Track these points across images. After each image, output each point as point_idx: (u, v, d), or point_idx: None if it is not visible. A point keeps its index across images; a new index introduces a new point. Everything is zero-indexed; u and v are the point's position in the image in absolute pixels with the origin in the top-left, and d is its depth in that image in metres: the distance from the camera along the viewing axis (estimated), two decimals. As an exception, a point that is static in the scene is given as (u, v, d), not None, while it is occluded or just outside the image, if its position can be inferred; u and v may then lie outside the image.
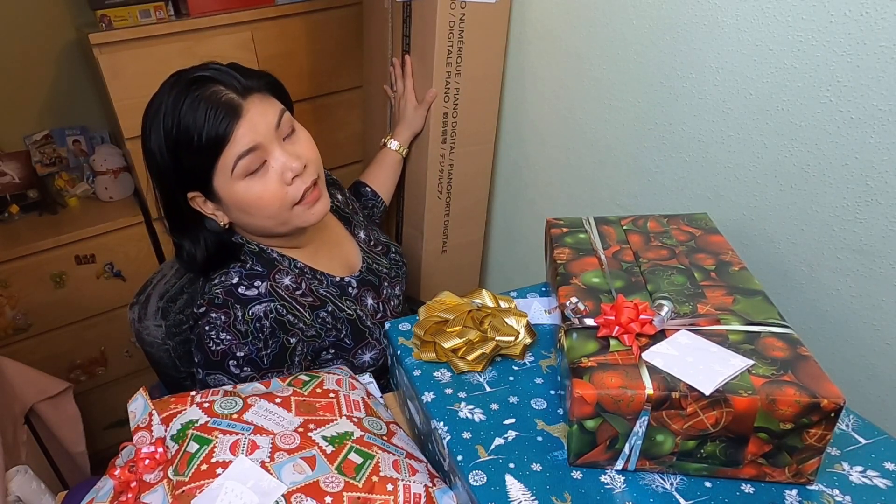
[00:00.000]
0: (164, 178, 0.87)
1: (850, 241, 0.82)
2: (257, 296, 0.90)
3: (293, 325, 0.92)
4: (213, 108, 0.81)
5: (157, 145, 0.84)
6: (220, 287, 0.90)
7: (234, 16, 1.53)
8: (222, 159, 0.83)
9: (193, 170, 0.84)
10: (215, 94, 0.82)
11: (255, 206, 0.87)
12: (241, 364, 0.88)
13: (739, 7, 0.87)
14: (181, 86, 0.83)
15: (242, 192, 0.85)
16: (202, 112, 0.80)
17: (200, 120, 0.80)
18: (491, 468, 0.63)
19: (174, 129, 0.81)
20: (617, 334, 0.65)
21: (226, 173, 0.84)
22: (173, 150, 0.83)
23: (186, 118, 0.81)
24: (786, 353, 0.61)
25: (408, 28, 1.33)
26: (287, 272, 0.96)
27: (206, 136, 0.81)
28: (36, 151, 1.77)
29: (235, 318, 0.88)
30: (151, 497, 0.62)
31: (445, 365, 0.78)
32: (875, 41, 0.73)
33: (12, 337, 1.66)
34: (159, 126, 0.83)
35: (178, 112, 0.81)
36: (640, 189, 1.13)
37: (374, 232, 1.17)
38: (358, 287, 1.04)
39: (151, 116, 0.85)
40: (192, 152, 0.82)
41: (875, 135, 0.76)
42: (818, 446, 0.58)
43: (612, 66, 1.11)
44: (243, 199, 0.86)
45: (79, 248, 1.66)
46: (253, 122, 0.83)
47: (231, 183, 0.84)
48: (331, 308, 0.98)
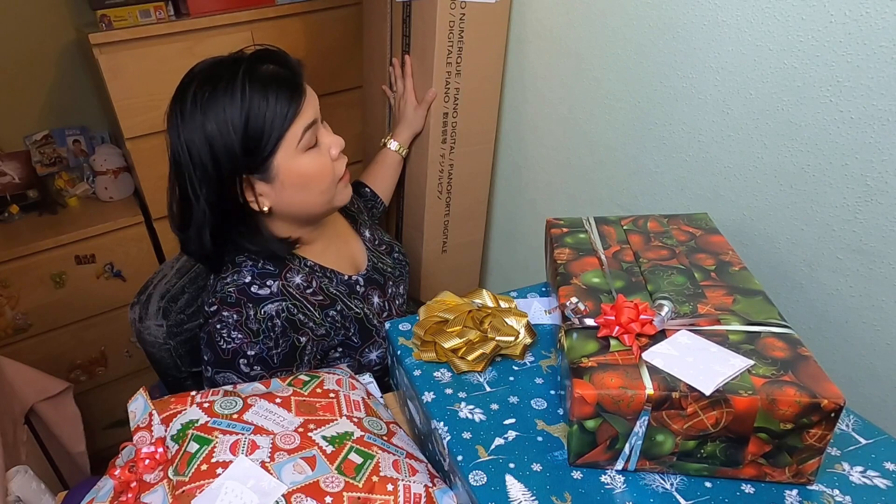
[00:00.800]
0: (218, 159, 0.84)
1: (850, 241, 0.82)
2: (269, 295, 0.90)
3: (304, 324, 0.93)
4: (283, 83, 0.84)
5: (220, 130, 0.82)
6: (232, 286, 0.90)
7: (234, 16, 1.53)
8: (291, 131, 0.85)
9: (260, 145, 0.84)
10: (280, 73, 0.85)
11: (314, 179, 0.89)
12: (252, 363, 0.89)
13: (739, 7, 0.87)
14: (249, 61, 0.85)
15: (305, 164, 0.88)
16: (273, 88, 0.83)
17: (273, 94, 0.83)
18: (491, 468, 0.63)
19: (245, 104, 0.82)
20: (617, 334, 0.65)
21: (292, 146, 0.86)
22: (243, 127, 0.83)
23: (260, 88, 0.83)
24: (786, 353, 0.61)
25: (408, 28, 1.33)
26: (298, 271, 0.96)
27: (279, 109, 0.83)
28: (36, 151, 1.77)
29: (247, 317, 0.88)
30: (151, 497, 0.62)
31: (445, 365, 0.78)
32: (875, 41, 0.73)
33: (12, 337, 1.66)
34: (224, 105, 0.82)
35: (246, 88, 0.82)
36: (640, 189, 1.13)
37: (378, 231, 1.18)
38: (365, 286, 1.04)
39: (207, 100, 0.83)
40: (265, 125, 0.83)
41: (875, 135, 0.76)
42: (818, 446, 0.58)
43: (612, 66, 1.11)
44: (305, 172, 0.88)
45: (79, 248, 1.66)
46: (311, 99, 0.88)
47: (295, 156, 0.87)
48: (340, 307, 0.98)
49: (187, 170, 0.85)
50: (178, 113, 0.85)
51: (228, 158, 0.84)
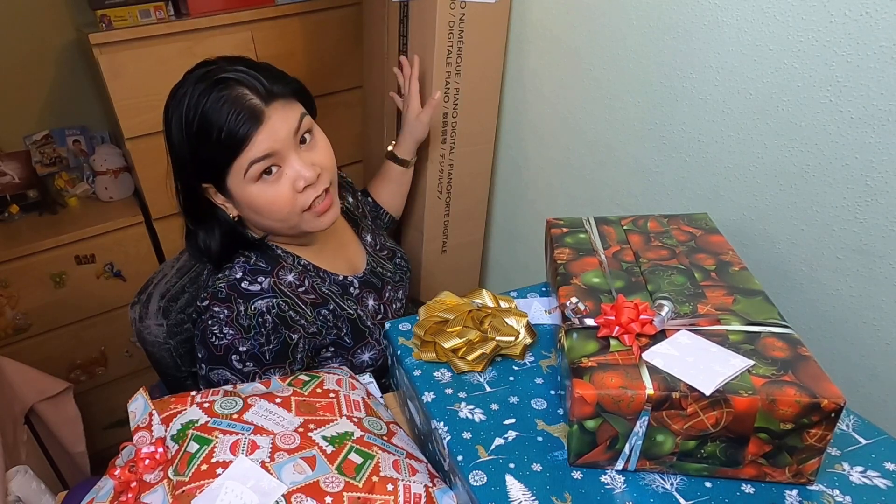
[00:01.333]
0: (182, 166, 0.89)
1: (850, 241, 0.82)
2: (260, 291, 0.91)
3: (295, 321, 0.93)
4: (235, 112, 0.81)
5: (178, 134, 0.86)
6: (223, 281, 0.91)
7: (234, 16, 1.53)
8: (237, 161, 0.84)
9: (209, 164, 0.86)
10: (240, 98, 0.82)
11: (265, 210, 0.88)
12: (244, 359, 0.89)
13: (739, 7, 0.87)
14: (208, 82, 0.83)
15: (255, 194, 0.87)
16: (224, 113, 0.81)
17: (222, 121, 0.81)
18: (491, 468, 0.63)
19: (195, 122, 0.83)
20: (617, 334, 0.65)
21: (239, 175, 0.85)
22: (193, 143, 0.84)
23: (209, 115, 0.82)
24: (786, 353, 0.61)
25: (405, 28, 1.33)
26: (291, 269, 0.96)
27: (226, 137, 0.82)
28: (36, 151, 1.77)
29: (238, 313, 0.88)
30: (151, 497, 0.62)
31: (445, 365, 0.78)
32: (875, 41, 0.73)
33: (12, 337, 1.66)
34: (181, 117, 0.84)
35: (200, 108, 0.82)
36: (640, 189, 1.13)
37: (380, 237, 1.18)
38: (360, 287, 1.04)
39: (174, 105, 0.85)
40: (210, 149, 0.83)
41: (875, 135, 0.76)
42: (818, 446, 0.58)
43: (612, 66, 1.11)
44: (254, 202, 0.88)
45: (79, 248, 1.66)
46: (273, 128, 0.84)
47: (243, 184, 0.86)
48: (332, 306, 0.98)
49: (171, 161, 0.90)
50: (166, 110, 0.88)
51: (186, 165, 0.88)
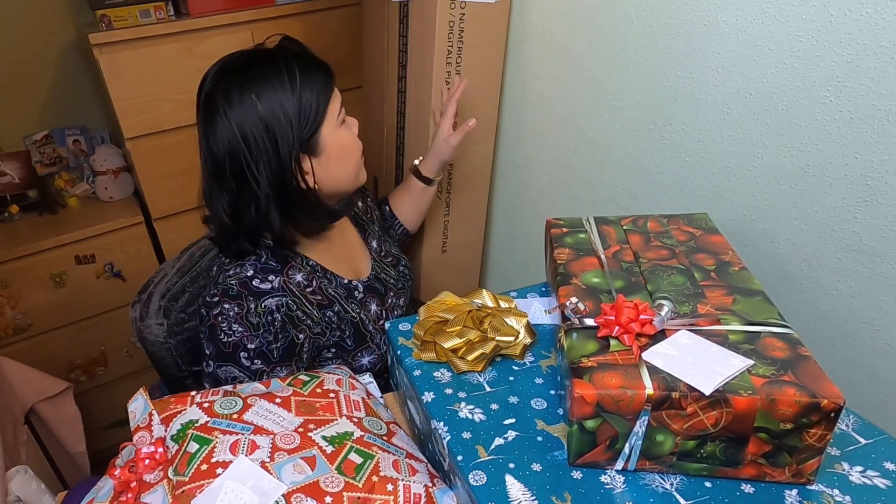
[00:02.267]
0: (276, 138, 0.87)
1: (850, 241, 0.82)
2: (270, 290, 0.91)
3: (302, 321, 0.94)
4: (316, 64, 0.91)
5: (272, 113, 0.86)
6: (234, 279, 0.91)
7: (234, 16, 1.54)
8: (332, 106, 0.91)
9: (311, 121, 0.89)
10: (309, 54, 0.92)
11: (350, 151, 0.96)
12: (252, 356, 0.90)
13: (739, 7, 0.87)
14: (282, 47, 0.91)
15: (344, 136, 0.94)
16: (311, 67, 0.89)
17: (313, 73, 0.89)
18: (491, 468, 0.63)
19: (296, 82, 0.87)
20: (617, 334, 0.65)
21: (333, 119, 0.92)
22: (297, 105, 0.88)
23: (302, 74, 0.88)
24: (786, 353, 0.61)
25: (405, 28, 1.33)
26: (300, 269, 0.97)
27: (321, 86, 0.90)
28: (36, 151, 1.77)
29: (248, 311, 0.89)
30: (151, 497, 0.62)
31: (445, 365, 0.78)
32: (875, 41, 0.73)
33: (12, 337, 1.66)
34: (274, 87, 0.87)
35: (293, 69, 0.87)
36: (640, 189, 1.13)
37: (386, 244, 1.18)
38: (364, 292, 1.05)
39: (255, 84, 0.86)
40: (312, 104, 0.89)
41: (875, 135, 0.76)
42: (818, 446, 0.58)
43: (612, 66, 1.11)
44: (344, 144, 0.94)
45: (79, 248, 1.66)
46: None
47: (336, 129, 0.93)
48: (337, 308, 0.99)
49: (243, 156, 0.87)
50: (223, 103, 0.86)
51: (285, 137, 0.87)
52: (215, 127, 0.86)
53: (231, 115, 0.85)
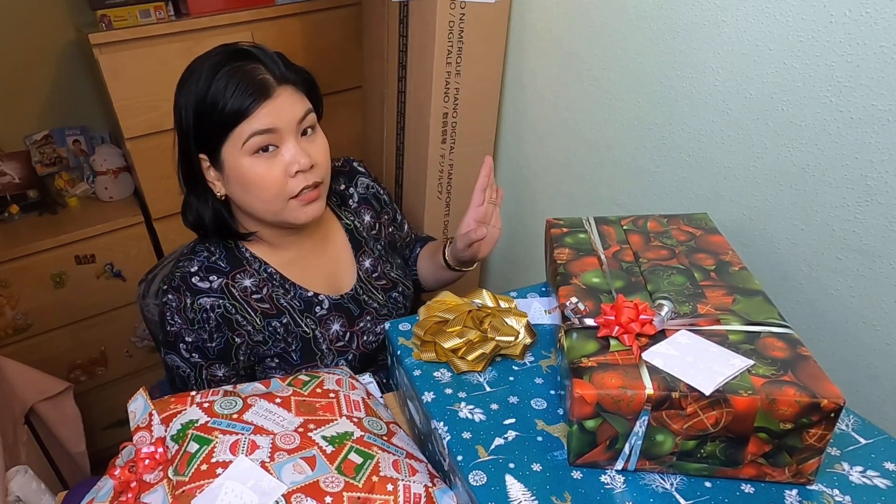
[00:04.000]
0: (184, 131, 0.90)
1: (850, 241, 0.82)
2: (208, 289, 0.92)
3: (240, 325, 0.94)
4: (245, 82, 0.84)
5: (186, 98, 0.87)
6: (179, 271, 0.93)
7: (234, 16, 1.54)
8: (238, 129, 0.85)
9: (209, 131, 0.86)
10: (253, 70, 0.85)
11: (253, 186, 0.88)
12: (190, 349, 0.93)
13: (739, 7, 0.87)
14: (225, 54, 0.87)
15: (246, 167, 0.87)
16: (235, 81, 0.84)
17: (231, 88, 0.84)
18: (491, 468, 0.63)
19: (205, 89, 0.85)
20: (617, 334, 0.65)
21: (237, 144, 0.86)
22: (197, 109, 0.86)
23: (219, 82, 0.84)
24: (786, 353, 0.61)
25: (405, 28, 1.33)
26: (252, 274, 0.96)
27: (231, 104, 0.84)
28: (36, 151, 1.77)
29: (185, 305, 0.91)
30: (151, 497, 0.62)
31: (445, 365, 0.78)
32: (875, 41, 0.73)
33: (12, 337, 1.66)
34: (192, 84, 0.86)
35: (213, 75, 0.85)
36: (640, 189, 1.13)
37: (386, 266, 1.09)
38: (328, 309, 1.00)
39: (188, 74, 0.88)
40: (216, 113, 0.85)
41: (875, 135, 0.76)
42: (818, 446, 0.58)
43: (612, 67, 1.11)
44: (245, 175, 0.87)
45: (79, 248, 1.66)
46: (279, 107, 0.86)
47: (238, 155, 0.86)
48: (286, 320, 0.97)
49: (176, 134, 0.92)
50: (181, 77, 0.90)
51: (185, 134, 0.89)
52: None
53: (178, 88, 0.90)
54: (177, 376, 0.95)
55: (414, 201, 1.48)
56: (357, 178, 1.12)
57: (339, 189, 1.10)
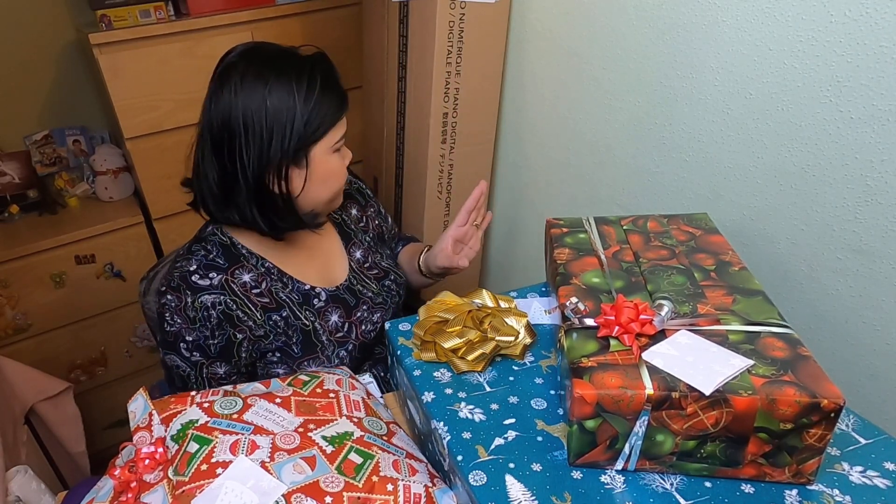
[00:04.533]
0: (272, 136, 0.88)
1: (850, 241, 0.82)
2: (209, 287, 0.92)
3: (242, 321, 0.94)
4: (336, 89, 0.93)
5: (283, 104, 0.88)
6: (178, 271, 0.93)
7: (234, 16, 1.54)
8: (333, 132, 0.93)
9: (310, 133, 0.90)
10: (334, 78, 0.94)
11: (333, 178, 0.96)
12: (191, 348, 0.93)
13: (739, 7, 0.87)
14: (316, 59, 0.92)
15: (333, 163, 0.95)
16: (331, 89, 0.92)
17: (329, 94, 0.91)
18: (491, 468, 0.63)
19: (315, 94, 0.89)
20: (617, 334, 0.65)
21: (329, 144, 0.93)
22: (307, 113, 0.89)
23: (323, 89, 0.90)
24: (786, 353, 0.61)
25: (405, 28, 1.33)
26: (250, 269, 0.97)
27: (332, 108, 0.91)
28: (36, 151, 1.77)
29: (185, 304, 0.91)
30: (151, 497, 0.62)
31: (445, 365, 0.78)
32: (875, 41, 0.73)
33: (12, 337, 1.66)
34: (293, 88, 0.88)
35: (317, 81, 0.90)
36: (640, 189, 1.13)
37: (375, 256, 1.12)
38: (326, 301, 1.02)
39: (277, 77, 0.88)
40: (315, 121, 0.90)
41: (875, 135, 0.76)
42: (818, 446, 0.58)
43: (612, 66, 1.11)
44: (330, 169, 0.95)
45: (79, 248, 1.66)
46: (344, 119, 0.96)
47: (328, 153, 0.94)
48: (286, 313, 0.98)
49: (238, 139, 0.88)
50: (236, 79, 0.87)
51: (280, 140, 0.88)
52: (220, 99, 0.88)
53: (240, 94, 0.87)
54: (176, 376, 0.95)
55: (414, 201, 1.48)
56: None
57: None
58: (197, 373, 0.94)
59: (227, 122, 0.88)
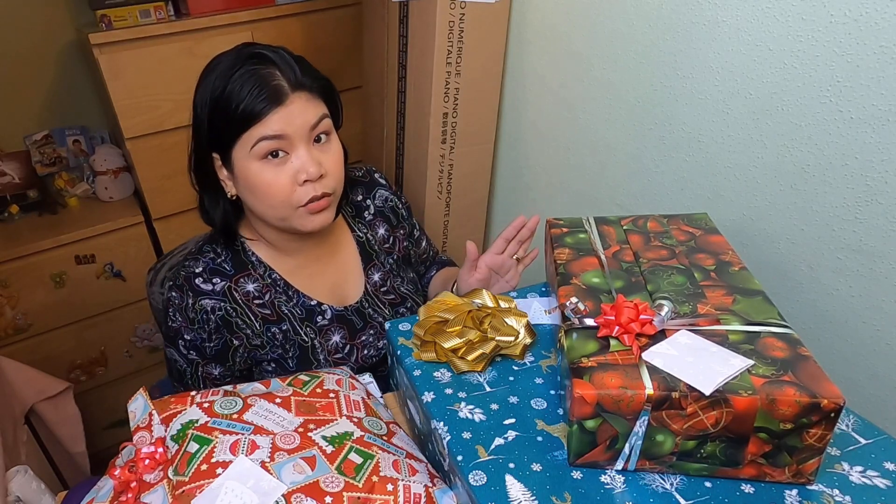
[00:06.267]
0: (198, 129, 0.90)
1: (850, 241, 0.82)
2: (210, 292, 0.92)
3: (240, 328, 0.94)
4: (260, 85, 0.83)
5: (202, 96, 0.88)
6: (183, 271, 0.94)
7: (234, 16, 1.54)
8: (248, 133, 0.84)
9: (221, 131, 0.86)
10: (269, 75, 0.84)
11: (260, 191, 0.87)
12: (188, 346, 0.93)
13: (739, 7, 0.87)
14: (244, 55, 0.86)
15: (254, 172, 0.86)
16: (250, 84, 0.83)
17: (245, 90, 0.83)
18: (491, 468, 0.63)
19: (220, 88, 0.85)
20: (617, 334, 0.65)
21: (246, 147, 0.85)
22: (213, 106, 0.86)
23: (234, 83, 0.84)
24: (786, 353, 0.61)
25: (405, 28, 1.33)
26: (256, 279, 0.96)
27: (244, 106, 0.83)
28: (36, 151, 1.77)
29: (186, 304, 0.92)
30: (151, 497, 0.62)
31: (445, 365, 0.78)
32: (875, 41, 0.73)
33: (12, 337, 1.66)
34: (209, 82, 0.87)
35: (230, 74, 0.84)
36: (640, 189, 1.13)
37: (396, 280, 1.07)
38: (330, 320, 0.99)
39: (208, 70, 0.88)
40: (226, 115, 0.85)
41: (875, 135, 0.76)
42: (818, 446, 0.58)
43: (613, 66, 1.11)
44: (252, 180, 0.87)
45: (79, 248, 1.66)
46: (291, 113, 0.85)
47: (247, 159, 0.86)
48: (286, 327, 0.96)
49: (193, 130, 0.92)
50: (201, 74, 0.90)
51: (200, 130, 0.89)
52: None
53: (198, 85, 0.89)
54: (174, 369, 0.97)
55: (414, 201, 1.48)
56: (376, 191, 1.09)
57: (355, 199, 1.07)
58: (192, 370, 0.95)
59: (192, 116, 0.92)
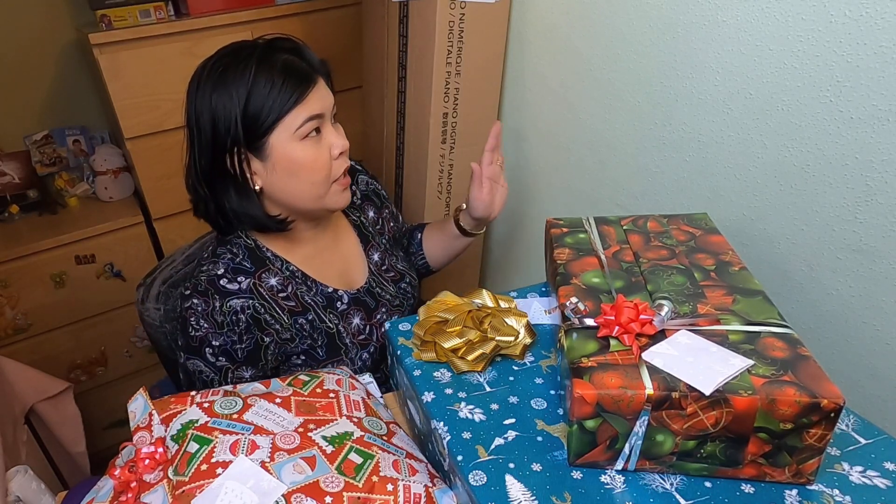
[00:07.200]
0: (218, 130, 0.88)
1: (850, 241, 0.82)
2: (237, 290, 0.92)
3: (269, 324, 0.93)
4: (294, 69, 0.87)
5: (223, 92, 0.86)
6: (204, 275, 0.92)
7: (234, 16, 1.54)
8: (290, 116, 0.87)
9: (260, 121, 0.87)
10: (297, 60, 0.89)
11: (304, 169, 0.90)
12: (217, 353, 0.91)
13: (739, 7, 0.87)
14: (267, 46, 0.89)
15: (299, 152, 0.89)
16: (284, 69, 0.86)
17: (282, 76, 0.86)
18: (491, 468, 0.63)
19: (249, 80, 0.85)
20: (617, 334, 0.65)
21: (289, 130, 0.87)
22: (244, 103, 0.86)
23: (267, 73, 0.86)
24: (786, 353, 0.61)
25: (405, 28, 1.33)
26: (276, 273, 0.96)
27: (284, 90, 0.86)
28: (36, 151, 1.77)
29: (213, 308, 0.90)
30: (151, 497, 0.62)
31: (445, 365, 0.78)
32: (875, 41, 0.73)
33: (12, 337, 1.66)
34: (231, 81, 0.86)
35: (258, 66, 0.86)
36: (640, 189, 1.13)
37: (392, 258, 1.13)
38: (348, 304, 1.02)
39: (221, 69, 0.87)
40: (266, 103, 0.86)
41: (875, 135, 0.76)
42: (818, 446, 0.58)
43: (613, 66, 1.11)
44: (297, 159, 0.89)
45: (79, 248, 1.66)
46: (321, 93, 0.90)
47: (290, 141, 0.88)
48: (311, 316, 0.98)
49: (196, 140, 0.90)
50: (194, 83, 0.89)
51: (227, 130, 0.87)
52: (186, 104, 0.90)
53: (193, 97, 0.89)
54: (199, 381, 0.93)
55: (414, 201, 1.48)
56: (357, 176, 1.15)
57: None
58: (222, 377, 0.93)
59: (187, 125, 0.91)
